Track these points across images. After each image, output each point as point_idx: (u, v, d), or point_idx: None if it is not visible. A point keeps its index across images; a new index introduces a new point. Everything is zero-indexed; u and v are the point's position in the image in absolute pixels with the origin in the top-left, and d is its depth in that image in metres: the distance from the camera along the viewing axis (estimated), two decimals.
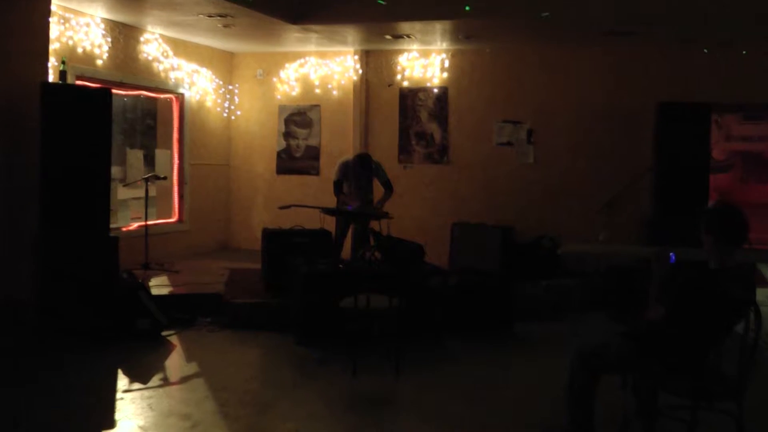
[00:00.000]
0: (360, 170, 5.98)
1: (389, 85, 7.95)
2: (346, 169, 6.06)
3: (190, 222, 7.82)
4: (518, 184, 7.57)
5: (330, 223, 6.04)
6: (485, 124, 7.67)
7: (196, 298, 5.56)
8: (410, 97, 7.95)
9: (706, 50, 6.87)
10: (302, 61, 8.17)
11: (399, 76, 7.91)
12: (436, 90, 7.83)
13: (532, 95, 7.52)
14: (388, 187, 6.13)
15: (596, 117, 7.31)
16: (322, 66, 8.11)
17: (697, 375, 2.81)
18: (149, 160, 7.33)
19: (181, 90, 7.62)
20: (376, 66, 7.99)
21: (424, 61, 7.83)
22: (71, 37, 6.03)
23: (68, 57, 5.85)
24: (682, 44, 6.85)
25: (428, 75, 7.84)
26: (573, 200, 7.37)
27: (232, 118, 8.44)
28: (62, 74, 5.33)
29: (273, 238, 5.61)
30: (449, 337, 5.02)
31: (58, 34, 5.83)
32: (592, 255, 6.10)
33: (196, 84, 7.84)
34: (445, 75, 7.79)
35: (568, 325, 5.44)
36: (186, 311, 5.38)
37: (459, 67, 7.74)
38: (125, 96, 7.18)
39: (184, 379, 4.17)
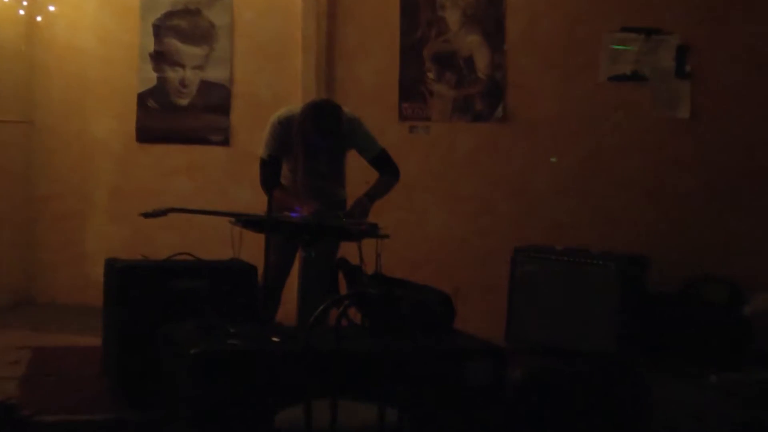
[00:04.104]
0: (318, 136, 5.98)
1: None
2: (286, 133, 6.08)
3: None
4: (656, 165, 7.63)
5: (253, 248, 5.96)
6: (583, 37, 7.83)
7: None
8: None
9: None
10: None
11: None
12: None
13: None
14: (386, 165, 6.18)
15: None
16: None
17: None
18: None
19: None
20: None
21: None
22: None
23: None
24: None
25: None
26: None
27: (38, 19, 8.48)
28: None
29: (130, 280, 5.72)
30: None
31: None
32: None
33: None
34: None
35: None
36: None
37: None
38: None
39: None
